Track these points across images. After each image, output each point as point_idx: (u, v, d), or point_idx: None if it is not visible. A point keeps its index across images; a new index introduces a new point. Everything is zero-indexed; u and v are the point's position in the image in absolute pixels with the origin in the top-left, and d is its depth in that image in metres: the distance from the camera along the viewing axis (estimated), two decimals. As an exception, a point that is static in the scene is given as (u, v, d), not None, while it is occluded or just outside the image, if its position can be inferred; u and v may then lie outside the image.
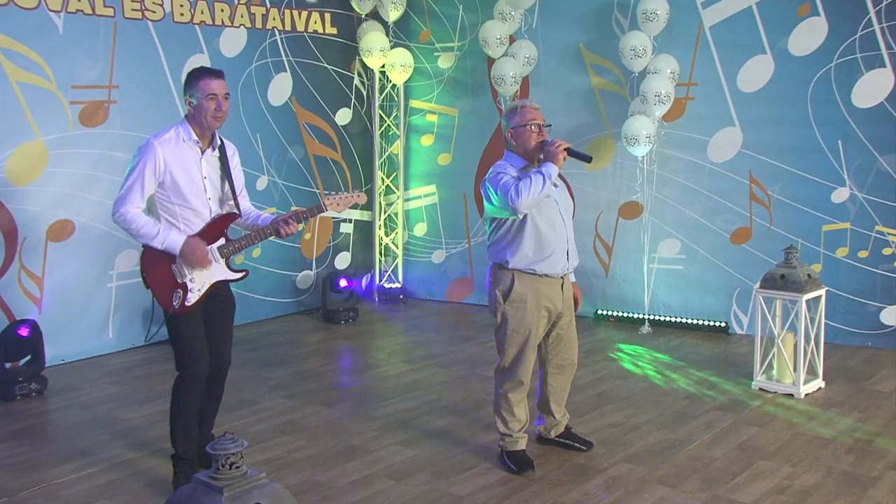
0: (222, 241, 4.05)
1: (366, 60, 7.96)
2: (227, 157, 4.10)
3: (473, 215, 8.31)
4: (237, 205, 4.13)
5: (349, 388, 5.74)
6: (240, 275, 4.14)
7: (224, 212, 4.10)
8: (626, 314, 7.45)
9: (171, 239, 3.90)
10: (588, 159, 4.16)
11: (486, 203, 4.12)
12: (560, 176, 4.14)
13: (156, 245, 3.90)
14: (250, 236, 4.06)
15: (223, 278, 4.08)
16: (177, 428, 4.11)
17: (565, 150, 4.02)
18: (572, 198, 4.42)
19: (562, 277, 4.21)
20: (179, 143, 3.96)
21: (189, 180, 3.94)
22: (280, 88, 7.65)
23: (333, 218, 8.26)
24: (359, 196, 4.17)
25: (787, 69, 6.64)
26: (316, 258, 8.15)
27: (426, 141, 8.54)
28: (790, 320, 5.51)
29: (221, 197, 4.10)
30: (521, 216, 4.00)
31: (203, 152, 4.03)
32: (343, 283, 7.69)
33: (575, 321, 4.43)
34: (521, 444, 4.33)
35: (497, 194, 3.97)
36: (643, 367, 6.17)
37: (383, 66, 8.13)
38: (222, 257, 4.05)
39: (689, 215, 7.19)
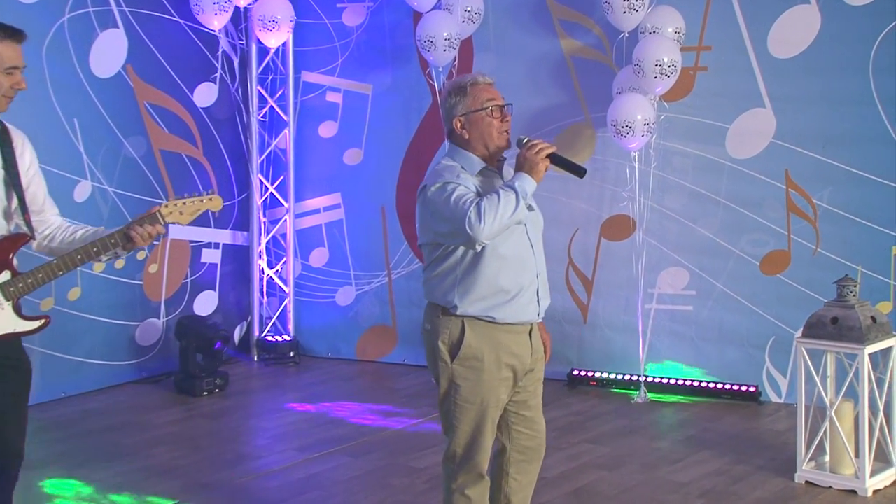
0: (7, 274, 3.84)
1: (200, 18, 7.89)
2: (12, 149, 3.91)
3: (395, 236, 8.28)
4: (29, 223, 3.94)
5: (215, 491, 5.63)
6: (35, 324, 3.93)
7: (8, 232, 3.91)
8: (612, 376, 7.42)
9: None
10: (581, 172, 4.09)
11: (421, 221, 4.10)
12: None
13: None
14: (67, 259, 3.87)
15: (10, 331, 3.87)
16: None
17: (548, 156, 3.97)
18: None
19: (531, 324, 4.19)
20: (-67, 127, 3.82)
21: None
22: (109, 53, 7.53)
23: (192, 242, 8.16)
24: (209, 200, 4.01)
25: (839, 24, 6.67)
26: (165, 300, 8.04)
27: (326, 131, 8.50)
28: (847, 382, 5.46)
29: (6, 209, 3.92)
30: (479, 248, 3.96)
31: (-26, 142, 3.89)
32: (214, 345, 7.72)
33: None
34: None
35: (445, 214, 3.92)
36: (639, 452, 6.10)
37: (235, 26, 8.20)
38: (8, 299, 3.84)
39: (700, 234, 7.19)
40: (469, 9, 7.42)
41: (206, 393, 7.44)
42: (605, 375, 7.42)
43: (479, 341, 4.03)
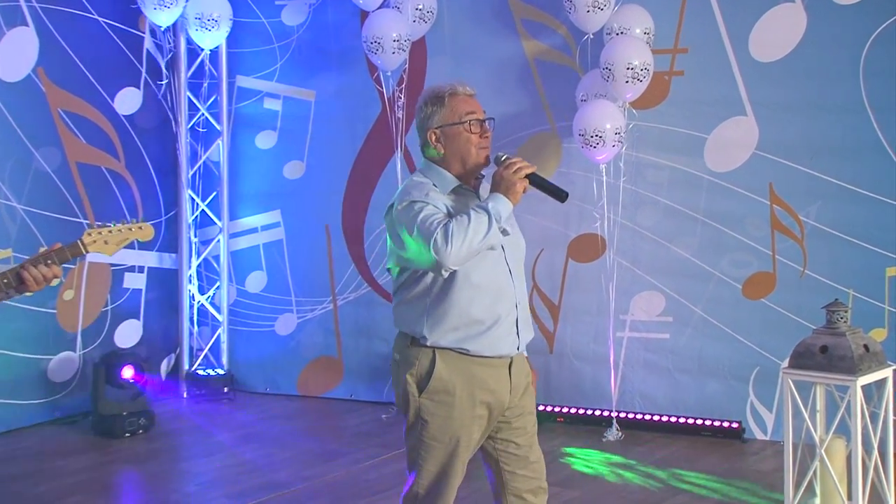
0: None
1: (148, 14, 7.92)
2: None
3: (341, 257, 8.30)
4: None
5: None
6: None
7: None
8: (582, 411, 7.44)
9: None
10: (562, 196, 4.12)
11: (390, 243, 4.10)
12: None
13: None
14: None
15: None
16: None
17: (528, 176, 3.99)
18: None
19: (510, 357, 4.18)
20: None
21: None
22: (17, 54, 7.55)
23: (112, 265, 8.10)
24: (139, 229, 3.99)
25: (827, 24, 6.73)
26: (83, 331, 8.00)
27: (264, 142, 8.52)
28: (838, 417, 5.38)
29: None
30: (446, 273, 3.94)
31: None
32: (129, 373, 7.59)
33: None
34: None
35: (413, 235, 3.92)
36: (612, 495, 6.10)
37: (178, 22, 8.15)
38: None
39: (677, 255, 7.22)
40: (420, 7, 7.44)
41: (128, 434, 7.37)
42: (573, 411, 7.41)
43: (450, 374, 4.02)
